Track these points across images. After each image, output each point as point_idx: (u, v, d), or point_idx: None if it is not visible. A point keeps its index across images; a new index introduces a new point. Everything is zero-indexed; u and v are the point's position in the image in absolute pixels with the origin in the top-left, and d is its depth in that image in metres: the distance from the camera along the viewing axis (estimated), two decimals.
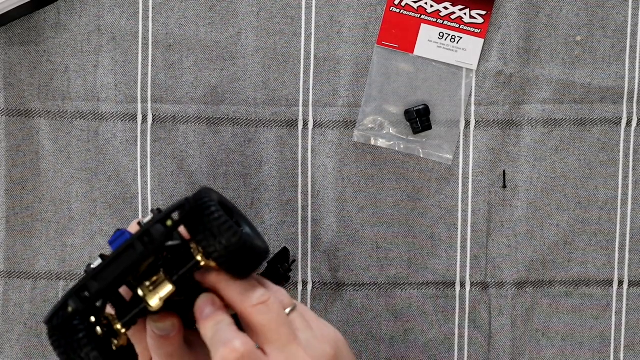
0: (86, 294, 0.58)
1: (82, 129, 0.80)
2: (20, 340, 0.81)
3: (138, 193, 0.80)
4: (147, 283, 0.59)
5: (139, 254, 0.58)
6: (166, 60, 0.79)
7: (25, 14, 0.76)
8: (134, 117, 0.80)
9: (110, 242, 0.60)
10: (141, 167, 0.80)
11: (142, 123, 0.80)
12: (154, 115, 0.80)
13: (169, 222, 0.59)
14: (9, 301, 0.80)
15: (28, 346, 0.81)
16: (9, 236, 0.80)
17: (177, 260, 0.60)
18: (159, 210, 0.61)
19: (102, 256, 0.60)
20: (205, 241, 0.59)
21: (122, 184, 0.80)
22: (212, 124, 0.80)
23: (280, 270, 0.75)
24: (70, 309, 0.58)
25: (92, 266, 0.60)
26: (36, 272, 0.80)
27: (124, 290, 0.62)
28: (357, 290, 0.81)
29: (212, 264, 0.60)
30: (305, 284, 0.81)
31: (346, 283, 0.81)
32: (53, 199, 0.80)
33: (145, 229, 0.58)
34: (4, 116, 0.79)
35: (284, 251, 0.76)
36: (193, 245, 0.60)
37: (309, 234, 0.81)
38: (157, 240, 0.58)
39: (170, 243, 0.60)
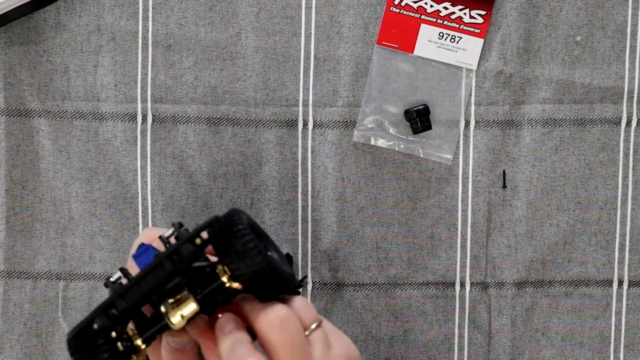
0: (113, 311, 0.58)
1: (82, 129, 0.80)
2: (20, 340, 0.81)
3: (138, 193, 0.80)
4: (171, 300, 0.59)
5: (168, 273, 0.57)
6: (166, 60, 0.79)
7: (25, 14, 0.76)
8: (133, 117, 0.80)
9: (135, 257, 0.59)
10: (141, 167, 0.80)
11: (142, 123, 0.80)
12: (153, 115, 0.80)
13: (198, 241, 0.58)
14: (9, 301, 0.80)
15: (28, 346, 0.81)
16: (9, 236, 0.80)
17: (200, 278, 0.60)
18: (180, 224, 0.60)
19: (122, 270, 0.60)
20: (234, 264, 0.58)
21: (122, 184, 0.80)
22: (212, 124, 0.80)
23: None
24: (96, 327, 0.58)
25: (111, 279, 0.60)
26: (36, 272, 0.80)
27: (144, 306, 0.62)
28: (357, 290, 0.81)
29: (237, 285, 0.60)
30: (305, 284, 0.81)
31: (346, 283, 0.81)
32: (53, 199, 0.80)
33: (175, 247, 0.58)
34: (4, 116, 0.79)
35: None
36: (219, 266, 0.60)
37: (309, 234, 0.80)
38: (187, 260, 0.58)
39: (197, 264, 0.59)
